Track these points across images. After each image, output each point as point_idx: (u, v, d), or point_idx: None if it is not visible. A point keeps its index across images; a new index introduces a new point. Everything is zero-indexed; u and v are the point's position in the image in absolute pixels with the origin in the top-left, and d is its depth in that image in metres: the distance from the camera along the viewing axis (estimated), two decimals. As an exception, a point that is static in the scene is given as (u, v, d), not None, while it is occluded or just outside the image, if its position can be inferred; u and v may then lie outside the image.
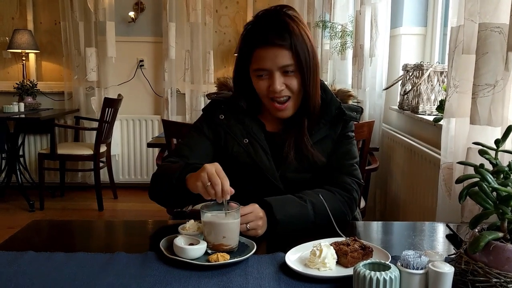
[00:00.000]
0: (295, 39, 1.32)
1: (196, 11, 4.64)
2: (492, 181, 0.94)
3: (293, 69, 1.35)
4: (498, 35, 1.42)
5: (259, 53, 1.34)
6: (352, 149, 1.51)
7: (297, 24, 1.35)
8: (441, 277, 0.87)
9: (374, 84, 3.10)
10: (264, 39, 1.33)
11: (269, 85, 1.36)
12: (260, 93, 1.40)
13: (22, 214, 4.15)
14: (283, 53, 1.32)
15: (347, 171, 1.46)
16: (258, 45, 1.34)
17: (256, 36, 1.35)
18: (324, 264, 1.04)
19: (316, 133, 1.45)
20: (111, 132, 4.46)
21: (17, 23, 4.88)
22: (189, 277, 1.03)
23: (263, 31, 1.34)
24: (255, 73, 1.38)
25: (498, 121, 1.45)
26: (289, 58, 1.33)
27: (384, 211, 3.23)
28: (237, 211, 1.15)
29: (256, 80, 1.38)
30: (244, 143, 1.44)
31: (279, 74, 1.35)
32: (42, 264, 1.08)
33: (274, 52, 1.32)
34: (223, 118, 1.47)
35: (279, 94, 1.36)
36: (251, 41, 1.36)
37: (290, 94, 1.38)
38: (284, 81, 1.35)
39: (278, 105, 1.39)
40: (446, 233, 1.33)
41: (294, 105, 1.41)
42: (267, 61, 1.33)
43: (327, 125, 1.46)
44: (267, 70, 1.35)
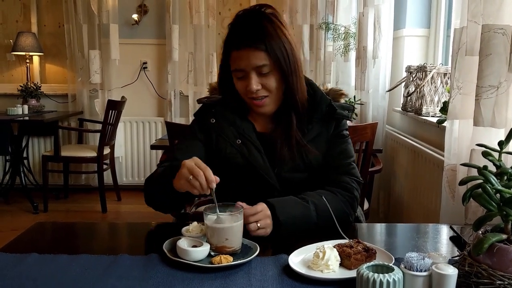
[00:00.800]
0: (270, 39, 1.33)
1: (199, 13, 4.64)
2: (495, 182, 0.94)
3: (269, 69, 1.36)
4: (502, 36, 1.42)
5: (235, 54, 1.36)
6: (348, 148, 1.51)
7: (274, 23, 1.36)
8: (445, 279, 0.87)
9: (377, 85, 3.10)
10: (239, 41, 1.35)
11: (246, 85, 1.37)
12: (240, 93, 1.42)
13: (26, 216, 4.16)
14: (257, 54, 1.33)
15: (345, 171, 1.47)
16: (233, 46, 1.36)
17: (232, 38, 1.38)
18: (328, 266, 1.04)
19: (309, 132, 1.45)
20: (114, 134, 4.46)
21: (21, 25, 4.90)
22: (192, 279, 1.03)
23: (238, 33, 1.37)
24: (234, 74, 1.40)
25: (501, 123, 1.45)
26: (263, 59, 1.34)
27: (388, 213, 3.22)
28: (240, 212, 1.15)
29: (236, 80, 1.40)
30: (237, 144, 1.45)
31: (255, 74, 1.36)
32: (45, 266, 1.08)
33: (248, 53, 1.34)
34: (214, 121, 1.48)
35: (256, 94, 1.38)
36: (228, 43, 1.39)
37: (267, 94, 1.39)
38: (260, 81, 1.37)
39: (256, 102, 1.40)
40: (449, 235, 1.33)
41: (274, 101, 1.42)
42: (241, 62, 1.35)
43: (318, 123, 1.47)
44: (243, 71, 1.36)
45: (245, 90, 1.39)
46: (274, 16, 1.38)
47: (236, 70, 1.38)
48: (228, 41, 1.40)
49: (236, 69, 1.38)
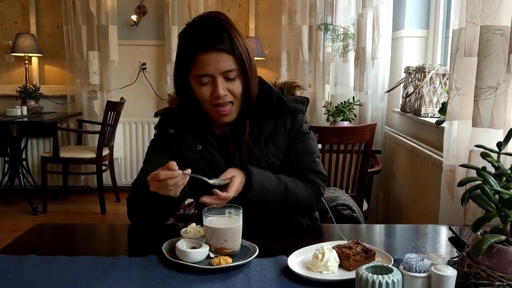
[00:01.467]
0: (235, 42, 1.32)
1: (198, 14, 4.64)
2: (494, 183, 0.94)
3: (235, 74, 1.34)
4: (500, 37, 1.42)
5: (201, 58, 1.31)
6: (309, 143, 1.49)
7: (234, 28, 1.35)
8: (444, 280, 0.87)
9: (376, 86, 3.10)
10: (206, 44, 1.30)
11: (212, 91, 1.33)
12: (202, 100, 1.37)
13: (25, 218, 4.15)
14: (225, 58, 1.31)
15: (310, 168, 1.47)
16: (200, 50, 1.31)
17: (196, 41, 1.32)
18: (327, 267, 1.04)
19: (265, 129, 1.44)
20: (113, 135, 4.46)
21: (20, 27, 4.89)
22: (191, 280, 1.03)
23: (203, 36, 1.32)
24: (196, 80, 1.34)
25: (500, 124, 1.45)
26: (232, 63, 1.32)
27: (387, 214, 3.22)
28: (239, 214, 1.15)
29: (198, 86, 1.35)
30: (198, 150, 1.44)
31: (222, 79, 1.33)
32: (44, 268, 1.08)
33: (216, 56, 1.30)
34: (172, 132, 1.47)
35: (223, 100, 1.34)
36: (191, 47, 1.33)
37: (233, 99, 1.37)
38: (226, 86, 1.34)
39: (221, 110, 1.36)
40: (448, 236, 1.33)
41: (237, 109, 1.40)
42: (209, 66, 1.31)
43: (272, 118, 1.45)
44: (209, 76, 1.32)
45: (209, 97, 1.35)
46: (231, 22, 1.37)
47: (201, 75, 1.33)
48: (191, 44, 1.33)
49: (201, 75, 1.32)
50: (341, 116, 3.11)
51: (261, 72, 4.83)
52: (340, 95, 3.63)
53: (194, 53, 1.32)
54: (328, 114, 3.22)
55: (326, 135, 2.57)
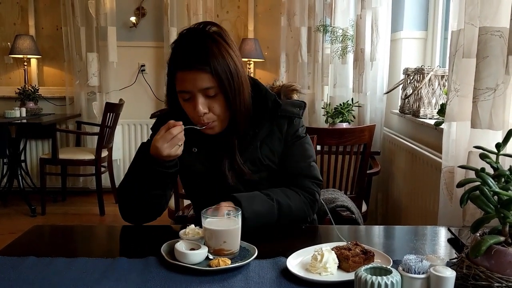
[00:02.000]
0: (215, 61, 1.30)
1: (197, 16, 4.65)
2: (493, 185, 0.94)
3: (215, 92, 1.33)
4: (499, 39, 1.42)
5: (180, 75, 1.32)
6: (306, 148, 1.49)
7: (218, 43, 1.33)
8: (443, 282, 0.87)
9: (375, 88, 3.11)
10: (183, 62, 1.31)
11: (194, 107, 1.34)
12: (187, 114, 1.39)
13: (24, 219, 4.14)
14: (203, 76, 1.30)
15: (305, 174, 1.46)
16: (178, 67, 1.32)
17: (176, 59, 1.33)
18: (326, 268, 1.04)
19: (260, 132, 1.43)
20: (112, 137, 4.46)
21: (19, 28, 4.89)
22: (190, 282, 1.03)
23: (183, 53, 1.32)
24: (179, 95, 1.36)
25: (499, 125, 1.45)
26: (209, 81, 1.31)
27: (386, 215, 3.23)
28: (238, 215, 1.15)
29: (183, 102, 1.37)
30: (193, 153, 1.44)
31: (201, 96, 1.32)
32: (43, 270, 1.08)
33: (194, 75, 1.30)
34: None
35: (204, 118, 1.35)
36: (172, 64, 1.35)
37: (214, 118, 1.36)
38: (207, 103, 1.34)
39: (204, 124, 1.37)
40: (447, 237, 1.33)
41: (221, 122, 1.39)
42: (187, 83, 1.31)
43: (268, 121, 1.44)
44: (189, 92, 1.33)
45: (192, 113, 1.36)
46: (219, 35, 1.34)
47: (182, 91, 1.34)
48: (172, 61, 1.35)
49: (182, 91, 1.34)
50: (340, 117, 3.11)
51: (260, 73, 4.86)
52: (339, 97, 3.63)
53: (174, 70, 1.34)
54: (327, 116, 3.22)
55: (325, 136, 2.57)
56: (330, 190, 2.10)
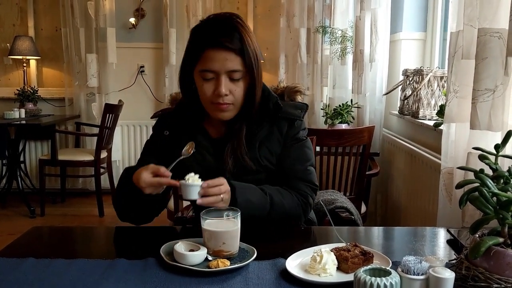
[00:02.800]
0: (245, 44, 1.32)
1: (197, 17, 4.65)
2: (492, 186, 0.94)
3: (240, 75, 1.34)
4: (498, 40, 1.42)
5: (209, 54, 1.31)
6: (304, 151, 1.48)
7: (246, 30, 1.35)
8: (442, 283, 0.87)
9: (374, 89, 3.11)
10: (216, 41, 1.31)
11: (215, 89, 1.33)
12: (203, 96, 1.37)
13: (23, 220, 4.14)
14: (233, 58, 1.31)
15: (301, 177, 1.45)
16: (209, 45, 1.31)
17: (207, 37, 1.32)
18: (325, 270, 1.04)
19: (259, 132, 1.43)
20: (111, 138, 4.46)
21: (18, 29, 4.89)
22: (189, 283, 1.03)
23: (215, 32, 1.32)
24: (201, 75, 1.35)
25: (498, 126, 1.45)
26: (238, 64, 1.32)
27: (385, 216, 3.23)
28: (237, 217, 1.15)
29: (201, 82, 1.35)
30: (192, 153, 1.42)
31: (226, 78, 1.33)
32: (42, 271, 1.08)
33: (225, 55, 1.31)
34: (167, 134, 1.48)
35: (223, 100, 1.34)
36: (201, 41, 1.33)
37: (233, 101, 1.36)
38: (229, 86, 1.34)
39: (219, 106, 1.36)
40: (446, 238, 1.33)
41: (235, 109, 1.40)
42: (215, 63, 1.31)
43: (268, 123, 1.44)
44: (214, 73, 1.33)
45: (211, 94, 1.35)
46: (245, 24, 1.37)
47: (206, 70, 1.33)
48: (201, 38, 1.34)
49: (206, 70, 1.33)
50: (339, 118, 3.11)
51: (260, 74, 4.85)
52: (338, 98, 3.63)
53: (202, 47, 1.33)
54: (326, 117, 3.22)
55: (324, 137, 2.57)
56: (329, 191, 2.10)
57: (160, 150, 1.48)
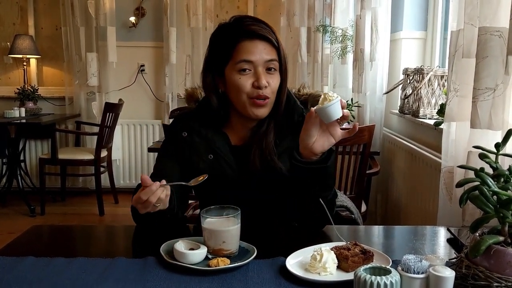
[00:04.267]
0: (278, 39, 1.33)
1: (197, 16, 4.65)
2: (492, 185, 0.94)
3: (276, 67, 1.33)
4: (498, 39, 1.42)
5: (245, 45, 1.30)
6: None
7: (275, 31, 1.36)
8: (442, 282, 0.87)
9: (374, 88, 3.11)
10: (251, 31, 1.30)
11: (254, 81, 1.30)
12: (241, 91, 1.31)
13: (23, 219, 4.14)
14: (270, 48, 1.31)
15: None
16: (245, 36, 1.30)
17: (240, 29, 1.31)
18: (325, 268, 1.04)
19: (281, 143, 1.39)
20: (112, 137, 4.45)
21: (18, 28, 4.89)
22: (189, 282, 1.03)
23: (248, 24, 1.31)
24: (236, 68, 1.30)
25: (498, 125, 1.45)
26: (275, 54, 1.32)
27: (385, 215, 3.22)
28: (236, 216, 1.15)
29: (237, 76, 1.31)
30: (209, 159, 1.39)
31: (264, 69, 1.31)
32: (42, 270, 1.08)
33: (263, 44, 1.30)
34: (186, 135, 1.42)
35: (263, 92, 1.30)
36: (234, 34, 1.31)
37: (270, 95, 1.33)
38: (267, 78, 1.31)
39: (259, 101, 1.31)
40: (447, 237, 1.33)
41: (270, 105, 1.36)
42: (253, 53, 1.29)
43: (290, 134, 1.38)
44: (252, 63, 1.30)
45: (250, 87, 1.30)
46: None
47: (243, 61, 1.29)
48: (234, 32, 1.32)
49: (244, 60, 1.29)
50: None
51: (260, 73, 4.85)
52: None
53: (236, 39, 1.31)
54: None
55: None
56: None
57: (178, 152, 1.43)
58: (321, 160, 1.24)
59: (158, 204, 1.16)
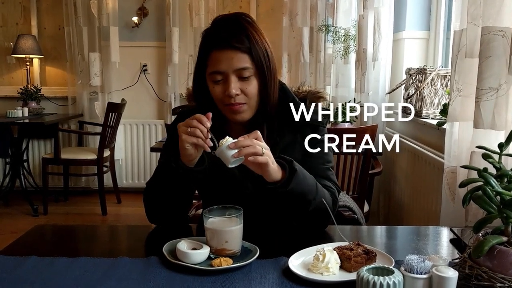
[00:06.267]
0: (253, 42, 1.29)
1: (199, 15, 4.65)
2: (495, 185, 0.94)
3: (251, 73, 1.30)
4: (501, 38, 1.42)
5: (215, 55, 1.29)
6: (327, 153, 1.45)
7: (255, 28, 1.32)
8: (445, 282, 0.87)
9: (377, 88, 3.10)
10: (221, 41, 1.28)
11: (225, 90, 1.30)
12: (216, 99, 1.34)
13: (26, 219, 4.15)
14: (240, 56, 1.28)
15: (326, 175, 1.41)
16: (214, 47, 1.29)
17: (212, 39, 1.31)
18: (327, 268, 1.04)
19: (281, 141, 1.39)
20: (114, 137, 4.46)
21: (21, 28, 4.90)
22: (192, 281, 1.03)
23: (220, 33, 1.30)
24: (210, 77, 1.32)
25: (501, 125, 1.45)
26: (246, 61, 1.29)
27: (388, 215, 3.22)
28: (239, 216, 1.15)
29: (212, 85, 1.32)
30: (211, 155, 1.36)
31: (235, 77, 1.30)
32: (45, 269, 1.08)
33: (231, 54, 1.28)
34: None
35: (234, 100, 1.31)
36: (207, 44, 1.32)
37: (246, 101, 1.33)
38: (240, 86, 1.30)
39: (233, 107, 1.32)
40: (450, 238, 1.32)
41: (250, 109, 1.35)
42: (222, 63, 1.28)
43: (291, 131, 1.40)
44: (222, 73, 1.29)
45: (222, 96, 1.32)
46: (254, 23, 1.34)
47: (214, 72, 1.30)
48: (207, 41, 1.32)
49: (214, 71, 1.30)
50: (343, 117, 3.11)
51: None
52: (341, 97, 3.63)
53: (208, 50, 1.31)
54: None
55: (327, 136, 2.56)
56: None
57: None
58: (280, 185, 1.24)
59: (196, 140, 1.20)
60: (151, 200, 1.40)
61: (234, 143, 1.18)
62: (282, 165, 1.26)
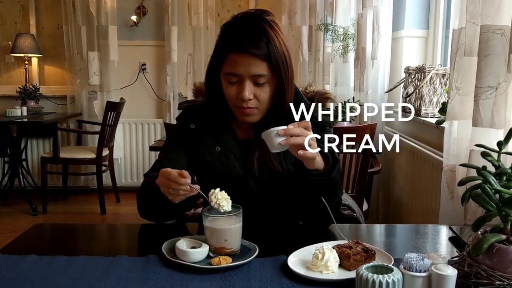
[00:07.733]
0: (272, 48, 1.27)
1: (198, 14, 4.65)
2: (494, 183, 0.94)
3: (266, 79, 1.30)
4: (500, 37, 1.42)
5: (233, 57, 1.28)
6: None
7: (275, 31, 1.30)
8: (444, 280, 0.87)
9: (376, 86, 3.10)
10: (240, 45, 1.27)
11: (238, 92, 1.30)
12: (228, 99, 1.34)
13: (25, 218, 4.15)
14: (258, 63, 1.27)
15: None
16: (233, 49, 1.28)
17: (232, 40, 1.29)
18: (327, 267, 1.04)
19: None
20: (113, 136, 4.46)
21: (20, 27, 4.89)
22: (191, 280, 1.03)
23: (240, 36, 1.28)
24: (226, 77, 1.32)
25: (500, 123, 1.45)
26: (263, 68, 1.28)
27: (387, 214, 3.22)
28: (238, 214, 1.15)
29: (226, 84, 1.32)
30: (216, 152, 1.40)
31: (250, 82, 1.29)
32: (44, 268, 1.08)
33: (249, 60, 1.26)
34: (194, 127, 1.43)
35: (246, 104, 1.31)
36: (226, 44, 1.30)
37: (258, 105, 1.33)
38: (254, 90, 1.30)
39: (244, 110, 1.33)
40: (449, 236, 1.33)
41: (261, 112, 1.36)
42: (239, 67, 1.28)
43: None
44: (238, 76, 1.29)
45: (235, 97, 1.32)
46: (275, 24, 1.32)
47: (230, 73, 1.30)
48: (227, 41, 1.31)
49: (230, 73, 1.30)
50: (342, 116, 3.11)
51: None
52: (340, 95, 3.63)
53: (227, 50, 1.30)
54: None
55: (326, 135, 2.56)
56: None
57: (186, 143, 1.44)
58: (323, 173, 1.25)
59: (171, 192, 1.17)
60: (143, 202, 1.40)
61: (284, 130, 1.16)
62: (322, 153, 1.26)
